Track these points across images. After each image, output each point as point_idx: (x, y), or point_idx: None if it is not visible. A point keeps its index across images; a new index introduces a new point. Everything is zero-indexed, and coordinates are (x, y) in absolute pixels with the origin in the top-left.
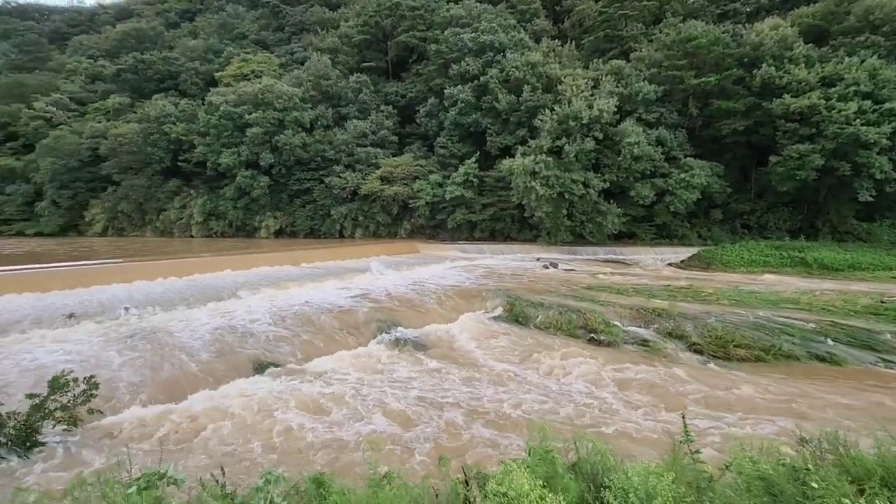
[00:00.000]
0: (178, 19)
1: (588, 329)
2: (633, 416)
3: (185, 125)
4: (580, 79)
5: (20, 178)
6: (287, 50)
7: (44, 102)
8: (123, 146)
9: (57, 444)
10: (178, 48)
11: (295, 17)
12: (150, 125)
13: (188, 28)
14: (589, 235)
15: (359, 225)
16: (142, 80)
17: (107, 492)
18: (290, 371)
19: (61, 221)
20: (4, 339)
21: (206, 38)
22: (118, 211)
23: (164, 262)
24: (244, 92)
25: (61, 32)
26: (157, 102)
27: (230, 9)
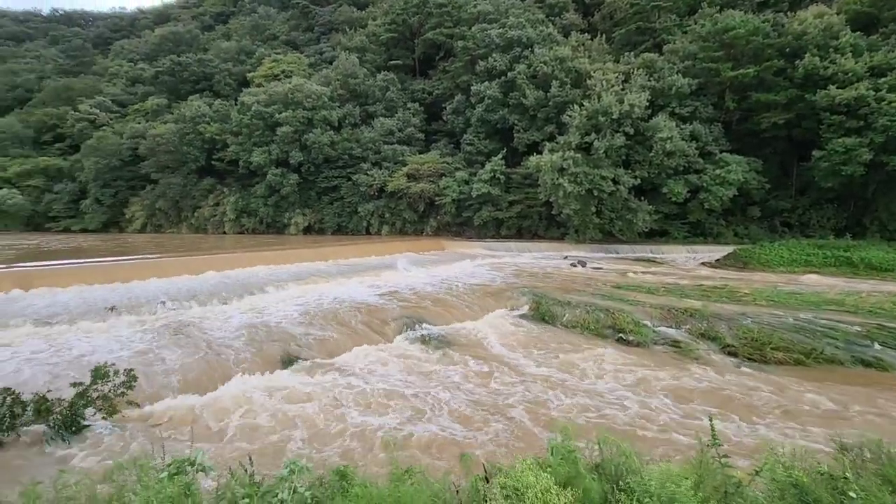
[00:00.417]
0: (213, 22)
1: (616, 329)
2: (660, 417)
3: (219, 125)
4: (610, 73)
5: (67, 177)
6: (316, 50)
7: (88, 105)
8: (161, 146)
9: (98, 431)
10: (213, 50)
11: (324, 18)
12: (185, 125)
13: (222, 30)
14: (619, 233)
15: (385, 222)
16: (178, 82)
17: (142, 476)
18: (317, 365)
19: (104, 218)
20: (52, 330)
21: (238, 40)
22: (156, 208)
23: (198, 257)
24: (275, 92)
25: (104, 37)
26: (193, 103)
27: (262, 10)
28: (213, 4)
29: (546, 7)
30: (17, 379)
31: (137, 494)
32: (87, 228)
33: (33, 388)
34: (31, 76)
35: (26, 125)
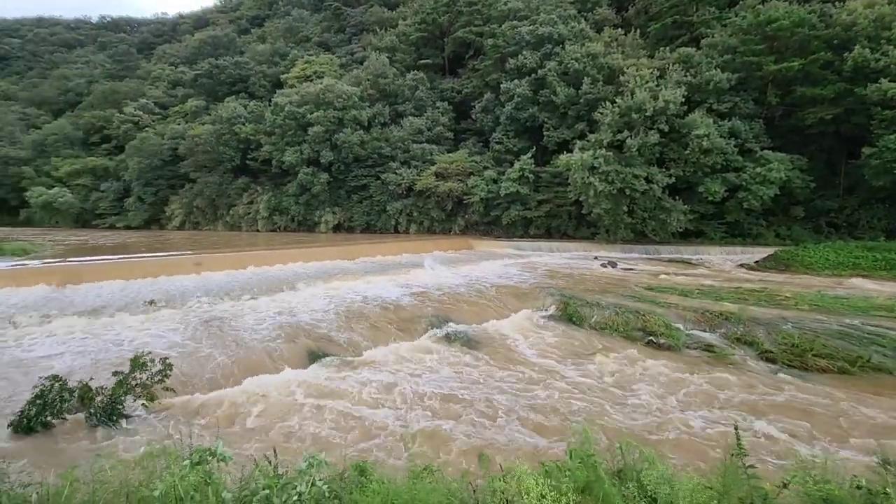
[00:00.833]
0: (249, 25)
1: (647, 331)
2: (689, 424)
3: (254, 125)
4: (644, 69)
5: (112, 176)
6: (347, 50)
7: (132, 107)
8: (199, 146)
9: (135, 418)
10: (248, 53)
11: (355, 18)
12: (222, 126)
13: (257, 33)
14: (651, 233)
15: (413, 221)
16: (216, 84)
17: (170, 464)
18: (343, 362)
19: (146, 216)
20: (96, 321)
21: (273, 42)
22: (194, 206)
23: (232, 254)
24: (307, 92)
25: (148, 43)
26: (229, 104)
27: (296, 13)
28: (249, 8)
29: (578, 2)
30: (64, 367)
31: (162, 481)
32: (130, 225)
33: (78, 376)
34: (81, 80)
35: (76, 127)
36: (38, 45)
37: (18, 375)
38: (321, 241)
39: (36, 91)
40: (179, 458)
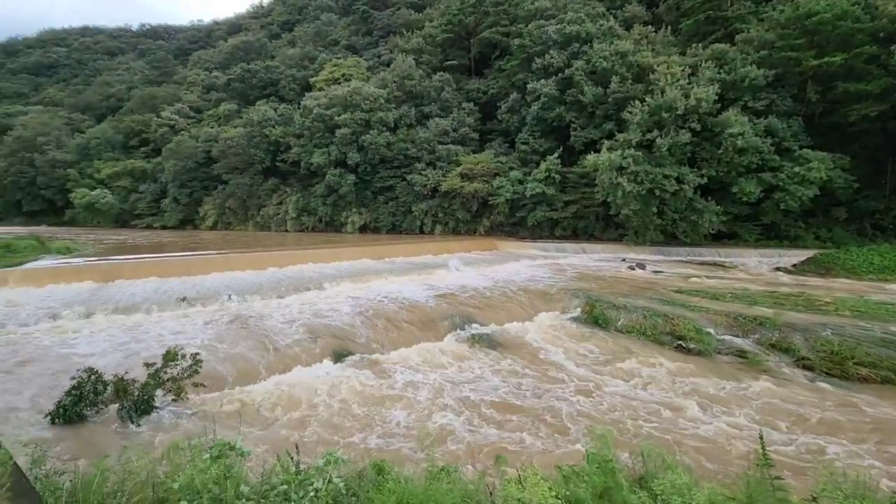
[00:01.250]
0: (280, 30)
1: (675, 335)
2: (715, 431)
3: (283, 128)
4: (675, 66)
5: (150, 178)
6: (374, 53)
7: (169, 112)
8: (231, 149)
9: (165, 411)
10: (279, 57)
11: (382, 21)
12: (253, 129)
13: (287, 38)
14: (682, 235)
15: (438, 221)
16: (247, 88)
17: (194, 457)
18: (367, 361)
19: (180, 216)
20: (132, 317)
21: (302, 47)
22: (226, 207)
23: (261, 254)
24: (334, 95)
25: (184, 49)
26: (260, 108)
27: (324, 17)
28: (280, 14)
29: (607, 0)
30: (100, 361)
31: (183, 474)
32: (166, 225)
33: (114, 370)
34: (122, 86)
35: (117, 131)
36: (83, 53)
37: (59, 368)
38: (347, 242)
39: (80, 97)
40: (202, 451)
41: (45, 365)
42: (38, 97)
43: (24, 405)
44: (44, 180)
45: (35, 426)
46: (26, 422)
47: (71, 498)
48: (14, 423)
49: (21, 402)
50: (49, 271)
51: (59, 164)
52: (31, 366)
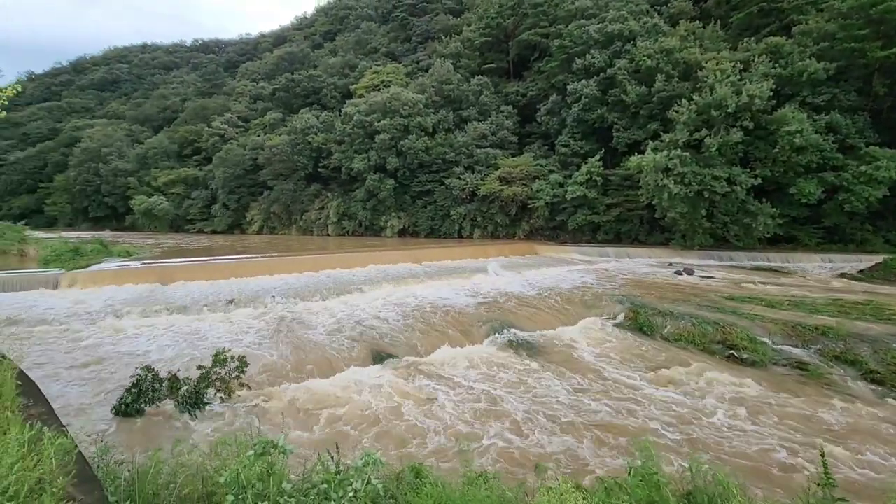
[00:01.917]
0: (322, 40)
1: (727, 344)
2: (772, 448)
3: (325, 135)
4: (725, 62)
5: (201, 185)
6: (413, 59)
7: (219, 122)
8: (276, 156)
9: (215, 409)
10: (321, 66)
11: (421, 27)
12: (296, 136)
13: (329, 47)
14: (734, 239)
15: (477, 225)
16: (291, 97)
17: (240, 452)
18: (406, 363)
19: (229, 221)
20: (184, 317)
21: (343, 55)
22: (271, 212)
23: (304, 257)
24: (374, 101)
25: (233, 61)
26: (303, 116)
27: (365, 26)
28: (322, 24)
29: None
30: (156, 358)
31: (228, 469)
32: (216, 230)
33: (168, 367)
34: (177, 99)
35: (172, 141)
36: (142, 68)
37: (120, 364)
38: (386, 246)
39: (140, 110)
40: (247, 447)
41: (109, 361)
42: (102, 111)
43: (90, 399)
44: (107, 188)
45: (100, 419)
46: (92, 414)
47: (129, 487)
48: (82, 416)
49: (87, 396)
50: (111, 273)
51: (120, 172)
52: (96, 361)
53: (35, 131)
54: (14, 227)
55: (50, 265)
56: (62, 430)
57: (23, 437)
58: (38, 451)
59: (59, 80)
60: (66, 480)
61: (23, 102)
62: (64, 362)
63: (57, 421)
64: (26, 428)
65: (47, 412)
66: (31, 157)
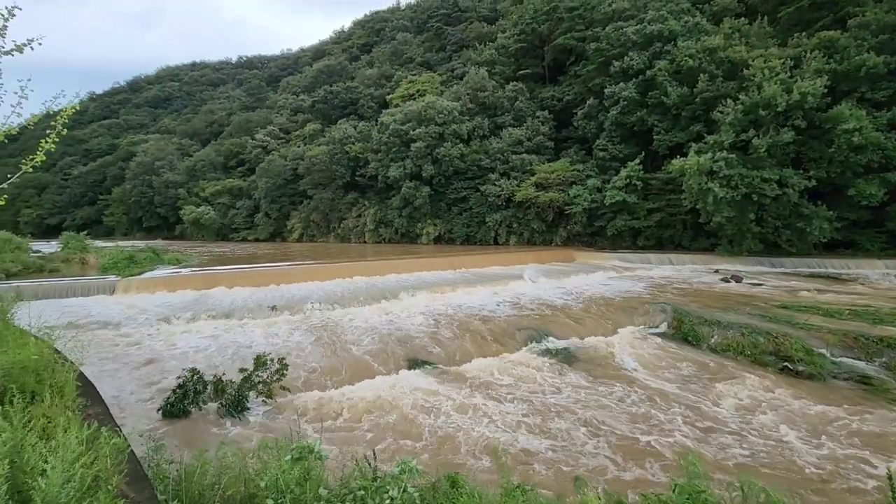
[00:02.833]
0: (359, 52)
1: (780, 356)
2: (832, 467)
3: (362, 144)
4: (774, 59)
5: (245, 195)
6: (448, 67)
7: (261, 134)
8: (315, 166)
9: (256, 412)
10: (358, 77)
11: (455, 36)
12: (335, 146)
13: (366, 59)
14: (786, 244)
15: (513, 232)
16: (330, 109)
17: (280, 456)
18: (442, 371)
19: (271, 229)
20: (229, 323)
21: (379, 66)
22: (310, 220)
23: (341, 264)
24: (410, 110)
25: (275, 76)
26: (341, 126)
27: (400, 37)
28: (359, 37)
29: None
30: (202, 361)
31: (268, 473)
32: (259, 238)
33: (213, 370)
34: (223, 113)
35: (218, 153)
36: (191, 86)
37: (169, 366)
38: (422, 253)
39: (189, 125)
40: (286, 451)
41: (158, 364)
42: (155, 126)
43: (140, 400)
44: (159, 199)
45: (149, 419)
46: (142, 414)
47: (176, 486)
48: (132, 415)
49: (138, 396)
50: (162, 280)
51: (171, 184)
52: (147, 363)
53: (96, 147)
54: (76, 237)
55: (107, 272)
56: (116, 430)
57: (81, 436)
58: (95, 449)
59: (118, 99)
60: (119, 479)
61: (85, 121)
62: (117, 364)
63: (112, 420)
64: (85, 427)
65: (103, 412)
66: (92, 172)
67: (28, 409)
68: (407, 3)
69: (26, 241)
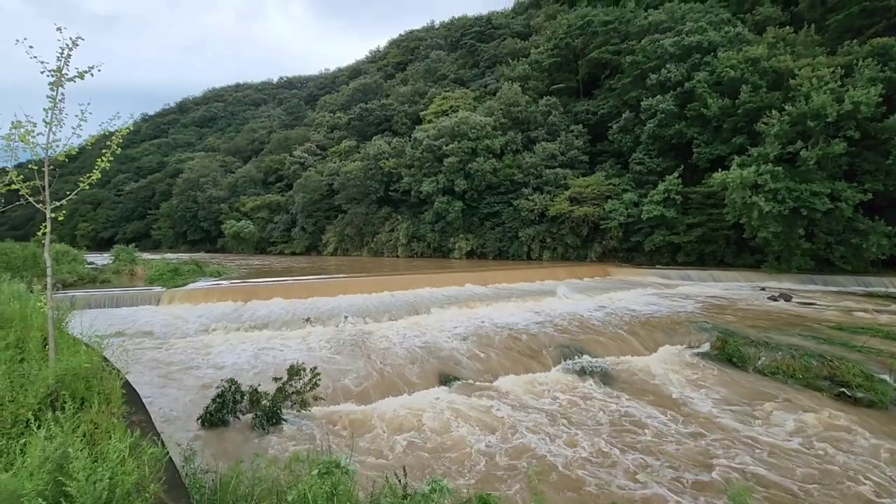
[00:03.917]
0: (393, 71)
1: (836, 381)
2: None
3: (395, 160)
4: (822, 68)
5: (283, 210)
6: (481, 83)
7: (299, 151)
8: (350, 181)
9: (290, 422)
10: (392, 95)
11: (488, 53)
12: (369, 162)
13: (400, 77)
14: (840, 262)
15: (546, 247)
16: (365, 125)
17: (311, 469)
18: (473, 387)
19: (307, 243)
20: (264, 333)
21: (413, 83)
22: (344, 234)
23: (374, 278)
24: (442, 126)
25: (313, 95)
26: (375, 142)
27: (434, 55)
28: (394, 56)
29: (733, 4)
30: (239, 371)
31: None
32: (295, 252)
33: (249, 380)
34: (264, 132)
35: (258, 170)
36: (235, 106)
37: (209, 376)
38: (455, 267)
39: (232, 143)
40: (315, 465)
41: (198, 373)
42: (201, 145)
43: (180, 408)
44: (203, 214)
45: (189, 428)
46: (181, 422)
47: (212, 496)
48: (172, 423)
49: (179, 406)
50: (203, 291)
51: (214, 199)
52: (188, 373)
53: (146, 165)
54: (126, 250)
55: (154, 283)
56: (157, 438)
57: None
58: (136, 456)
59: (167, 120)
60: (158, 486)
61: (138, 140)
62: (160, 372)
63: (153, 429)
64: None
65: (146, 420)
66: (143, 188)
67: (77, 414)
68: (441, 21)
69: (81, 254)
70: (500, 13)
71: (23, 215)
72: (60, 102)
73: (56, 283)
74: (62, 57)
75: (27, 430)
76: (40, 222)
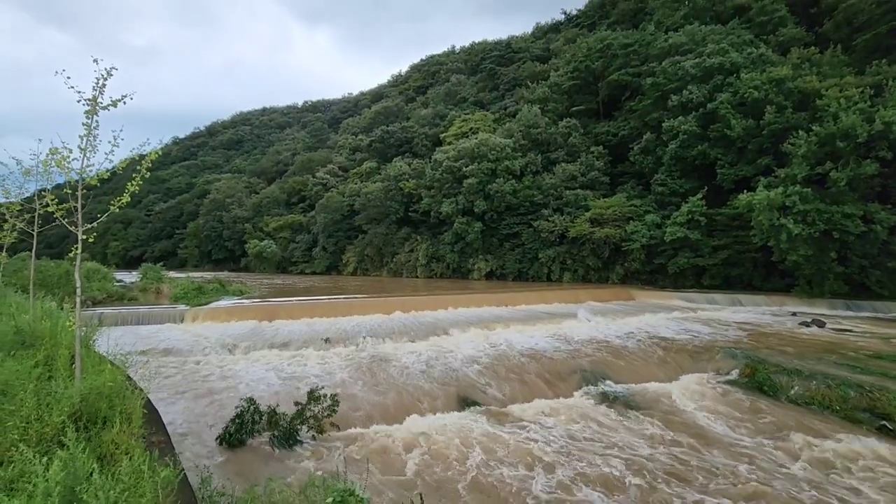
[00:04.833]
0: (415, 94)
1: (876, 413)
2: None
3: (416, 181)
4: (851, 88)
5: (305, 230)
6: (501, 106)
7: (322, 172)
8: (371, 202)
9: (306, 446)
10: (413, 118)
11: (508, 76)
12: (389, 183)
13: (421, 100)
14: (876, 286)
15: (567, 269)
16: (386, 147)
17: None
18: (492, 412)
19: (327, 263)
20: (285, 353)
21: (434, 107)
22: (364, 254)
23: (393, 299)
24: (462, 148)
25: (336, 118)
26: (396, 164)
27: (454, 78)
28: (415, 80)
29: (755, 26)
30: (258, 392)
31: None
32: (315, 271)
33: (268, 401)
34: (288, 154)
35: (282, 191)
36: (261, 129)
37: (227, 396)
38: (474, 289)
39: (258, 165)
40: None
41: (218, 392)
42: (228, 167)
43: (199, 427)
44: (227, 233)
45: (208, 447)
46: (199, 442)
47: None
48: (192, 443)
49: (198, 425)
50: (226, 310)
51: (239, 219)
52: (208, 392)
53: (176, 186)
54: (153, 268)
55: (178, 301)
56: (174, 459)
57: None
58: (153, 476)
59: (196, 142)
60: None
61: (168, 162)
62: (180, 391)
63: (172, 449)
64: (146, 455)
65: (165, 441)
66: (172, 208)
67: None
68: (462, 46)
69: (111, 272)
70: (520, 37)
71: (58, 234)
72: (95, 129)
73: (86, 300)
74: (97, 87)
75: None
76: (74, 241)
